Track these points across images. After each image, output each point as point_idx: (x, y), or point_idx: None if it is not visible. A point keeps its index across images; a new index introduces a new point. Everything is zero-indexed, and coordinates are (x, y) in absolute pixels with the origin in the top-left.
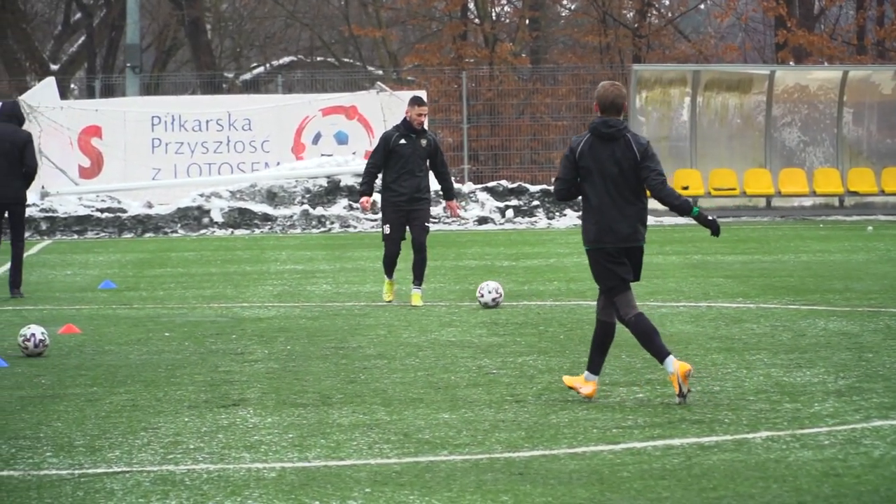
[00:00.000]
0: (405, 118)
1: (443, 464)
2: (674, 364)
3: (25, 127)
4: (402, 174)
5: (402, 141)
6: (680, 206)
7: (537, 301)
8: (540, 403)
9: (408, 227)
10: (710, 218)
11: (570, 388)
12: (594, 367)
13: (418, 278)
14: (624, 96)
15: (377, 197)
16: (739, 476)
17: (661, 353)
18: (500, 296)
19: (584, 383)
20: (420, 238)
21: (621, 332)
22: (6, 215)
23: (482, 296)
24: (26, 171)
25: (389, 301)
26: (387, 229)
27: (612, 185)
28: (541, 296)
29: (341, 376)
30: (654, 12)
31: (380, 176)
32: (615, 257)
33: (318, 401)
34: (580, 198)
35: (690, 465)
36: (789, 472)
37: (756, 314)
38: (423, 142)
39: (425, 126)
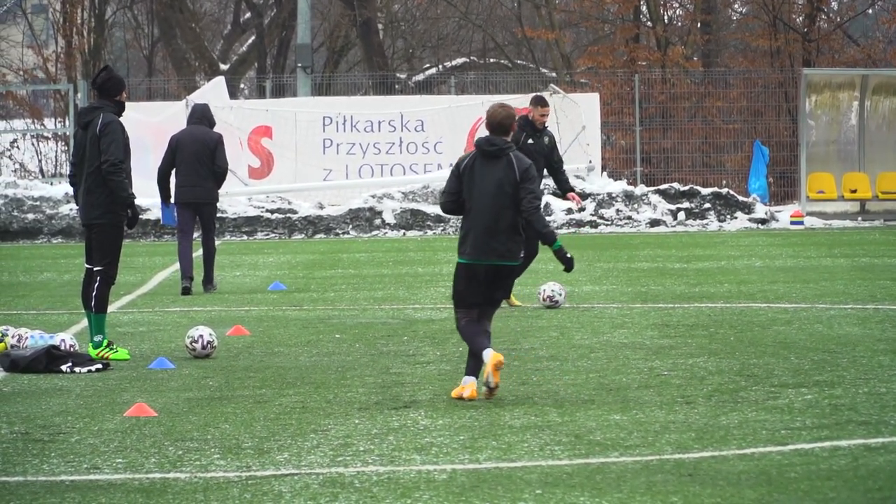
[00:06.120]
0: (527, 118)
1: (613, 465)
2: (488, 355)
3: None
4: None
5: (531, 141)
6: (545, 234)
7: (708, 303)
8: (710, 405)
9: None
10: (568, 255)
11: (459, 397)
12: (472, 370)
13: None
14: (512, 117)
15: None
16: None
17: (479, 347)
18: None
19: (464, 388)
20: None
21: (788, 333)
22: (198, 215)
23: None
24: (218, 171)
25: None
26: None
27: (490, 203)
28: (711, 298)
29: (513, 378)
30: (824, 17)
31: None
32: (482, 276)
33: (489, 402)
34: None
35: (857, 466)
36: None
37: None
38: (546, 139)
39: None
